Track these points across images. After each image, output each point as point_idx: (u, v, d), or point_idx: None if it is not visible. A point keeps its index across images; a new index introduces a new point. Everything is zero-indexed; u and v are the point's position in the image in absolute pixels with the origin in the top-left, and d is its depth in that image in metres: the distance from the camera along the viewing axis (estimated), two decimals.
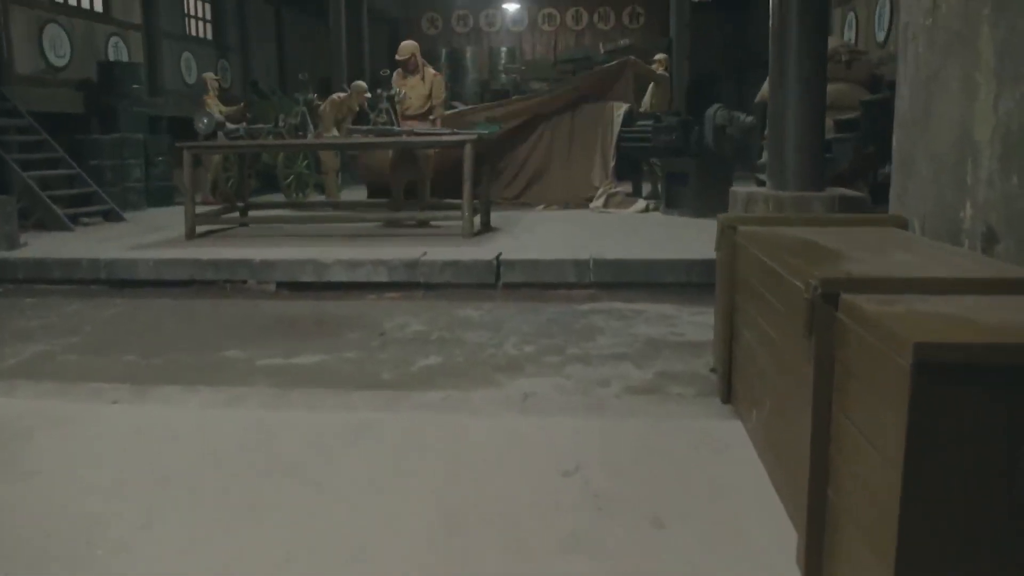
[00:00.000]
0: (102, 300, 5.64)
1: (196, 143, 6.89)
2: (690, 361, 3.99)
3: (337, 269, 5.59)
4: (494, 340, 4.38)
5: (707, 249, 5.92)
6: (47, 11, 9.64)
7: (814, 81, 5.25)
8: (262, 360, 4.07)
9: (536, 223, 7.84)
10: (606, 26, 18.18)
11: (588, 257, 5.50)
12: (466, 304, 5.25)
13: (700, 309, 5.06)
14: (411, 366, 3.94)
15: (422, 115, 7.47)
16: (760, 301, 2.74)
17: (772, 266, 2.51)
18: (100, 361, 4.13)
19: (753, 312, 2.90)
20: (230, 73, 14.00)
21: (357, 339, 4.45)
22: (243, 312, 5.20)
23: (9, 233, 6.48)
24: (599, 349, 4.21)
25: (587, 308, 5.13)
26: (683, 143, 8.18)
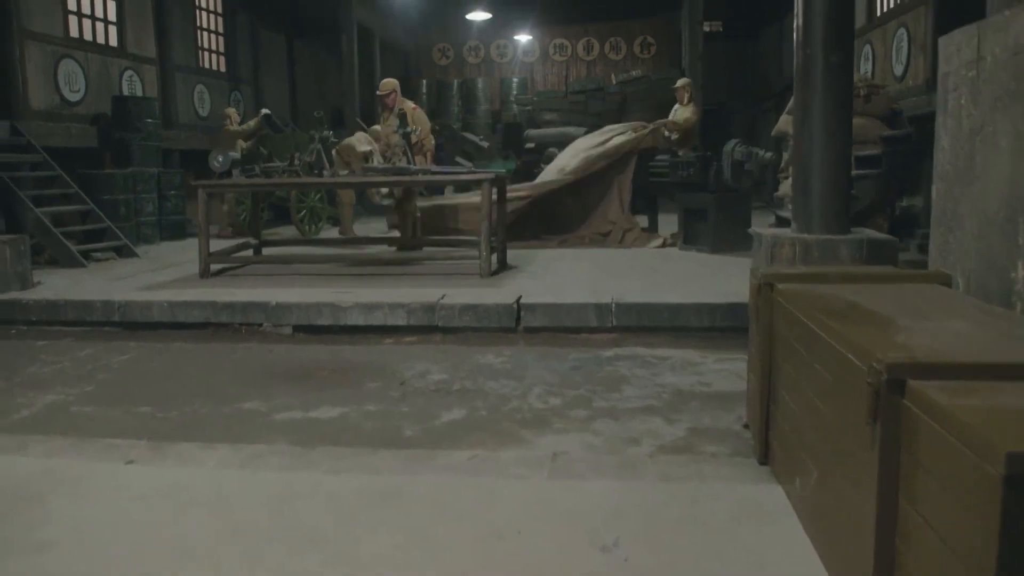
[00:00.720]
0: (116, 343, 5.56)
1: (212, 182, 6.84)
2: (721, 416, 3.87)
3: (354, 312, 5.50)
4: (518, 391, 4.27)
5: (729, 290, 5.85)
6: (63, 46, 9.66)
7: (840, 122, 5.17)
8: (281, 413, 3.97)
9: (553, 261, 7.75)
10: (617, 56, 18.20)
11: (610, 300, 5.39)
12: (486, 349, 5.14)
13: (725, 356, 4.96)
14: (434, 420, 3.83)
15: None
16: (804, 367, 2.63)
17: (820, 334, 2.40)
18: (114, 413, 4.04)
19: (795, 376, 2.79)
20: (243, 105, 14.01)
21: (377, 389, 4.35)
22: (259, 358, 5.10)
23: (22, 273, 6.42)
24: (626, 401, 4.09)
25: (610, 354, 5.01)
26: (701, 178, 8.10)
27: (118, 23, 10.78)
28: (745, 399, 4.04)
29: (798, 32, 5.23)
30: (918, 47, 8.40)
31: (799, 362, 2.72)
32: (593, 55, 18.34)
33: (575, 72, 18.31)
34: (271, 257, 7.43)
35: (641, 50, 18.09)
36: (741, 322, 5.35)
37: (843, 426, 2.19)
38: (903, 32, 8.56)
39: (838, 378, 2.22)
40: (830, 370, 2.31)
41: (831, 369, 2.30)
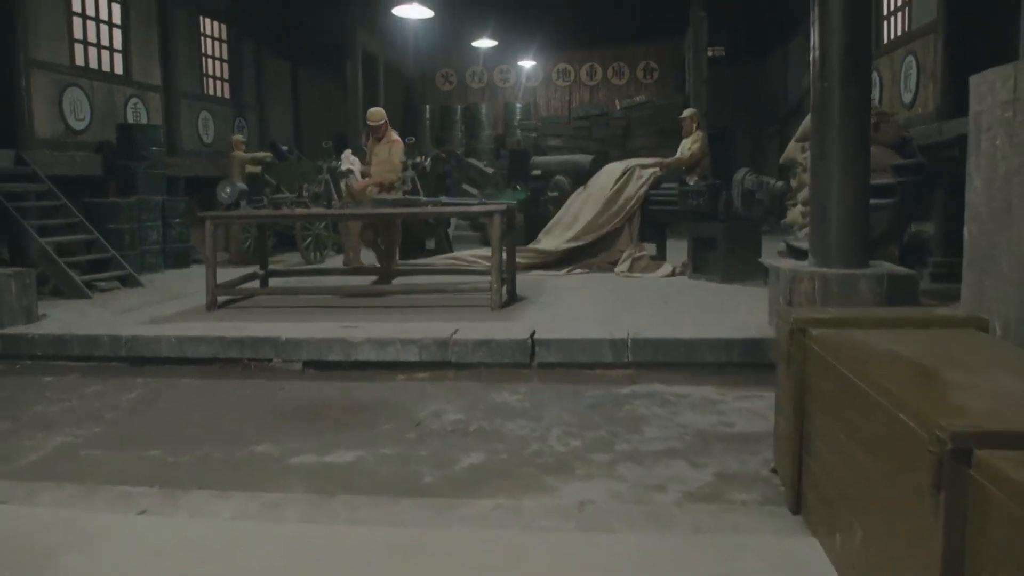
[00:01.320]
0: (123, 379, 5.46)
1: (220, 213, 6.77)
2: (747, 459, 3.77)
3: (366, 348, 5.41)
4: (537, 432, 4.18)
5: (745, 324, 5.77)
6: (69, 75, 9.65)
7: (858, 154, 5.12)
8: (295, 457, 3.87)
9: (562, 290, 7.68)
10: (620, 81, 18.24)
11: (625, 336, 5.31)
12: (501, 386, 5.05)
13: (744, 393, 4.87)
14: (454, 465, 3.73)
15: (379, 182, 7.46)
16: (845, 419, 2.54)
17: (866, 390, 2.31)
18: (124, 457, 3.94)
19: (833, 426, 2.70)
20: (247, 131, 14.00)
21: (392, 431, 4.25)
22: (269, 396, 5.01)
23: (27, 306, 6.33)
24: (648, 443, 4.00)
25: (627, 391, 4.92)
26: (711, 208, 8.05)
27: (123, 51, 10.78)
28: (770, 441, 3.95)
29: (815, 64, 5.20)
30: (927, 75, 8.38)
31: (839, 414, 2.64)
32: (596, 80, 18.38)
33: (578, 97, 18.34)
34: (278, 289, 7.35)
35: (644, 75, 18.12)
36: (758, 358, 5.30)
37: (896, 488, 2.10)
38: (911, 60, 8.55)
39: (889, 438, 2.13)
40: (878, 428, 2.22)
41: (880, 427, 2.21)
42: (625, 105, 15.00)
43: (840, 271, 5.02)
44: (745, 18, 14.12)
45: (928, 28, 8.23)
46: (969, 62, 7.87)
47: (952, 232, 7.74)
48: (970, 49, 7.79)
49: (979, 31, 7.73)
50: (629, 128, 14.57)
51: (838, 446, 2.65)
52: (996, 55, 7.68)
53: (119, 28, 10.71)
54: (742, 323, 5.74)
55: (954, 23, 7.86)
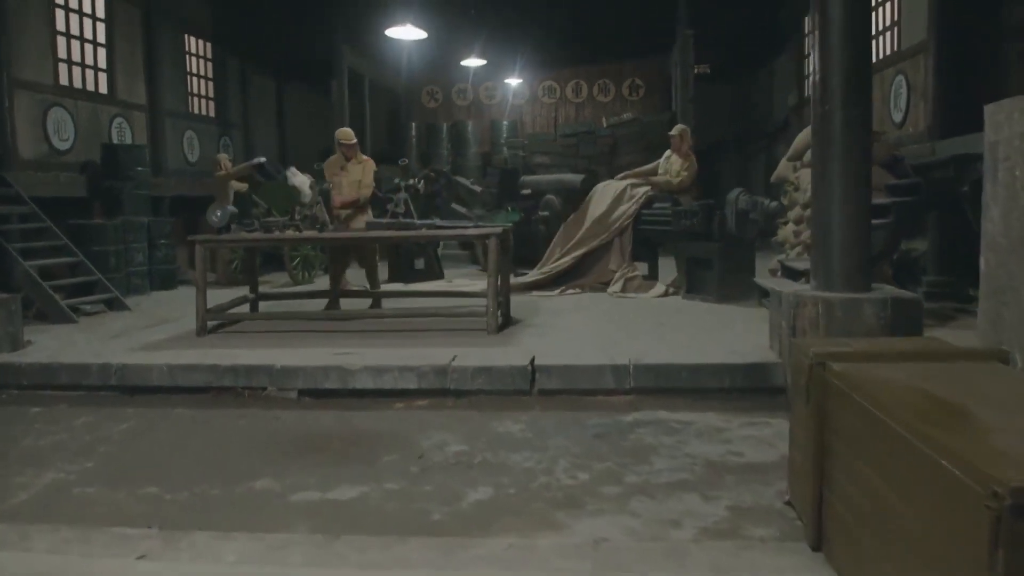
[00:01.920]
0: (114, 409, 5.32)
1: (210, 237, 6.65)
2: (760, 491, 3.71)
3: (363, 376, 5.31)
4: (543, 464, 4.09)
5: (745, 348, 5.72)
6: (52, 94, 9.50)
7: (859, 178, 5.08)
8: (297, 494, 3.76)
9: (557, 312, 7.61)
10: (606, 98, 18.27)
11: (627, 362, 5.24)
12: (502, 415, 4.96)
13: (749, 420, 4.82)
14: (461, 501, 3.64)
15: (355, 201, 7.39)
16: (876, 461, 2.48)
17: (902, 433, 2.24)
18: (120, 496, 3.81)
19: (860, 466, 2.64)
20: (232, 150, 13.87)
21: (395, 463, 4.15)
22: (265, 426, 4.89)
23: (13, 333, 6.18)
24: (658, 475, 3.92)
25: (631, 419, 4.85)
26: (704, 228, 8.02)
27: (108, 70, 10.64)
28: (781, 472, 3.90)
29: (816, 87, 5.17)
30: (918, 94, 8.42)
31: (867, 452, 2.58)
32: (582, 97, 18.40)
33: (564, 114, 18.35)
34: (270, 314, 7.22)
35: (630, 92, 18.17)
36: (761, 383, 5.25)
37: (936, 534, 2.03)
38: (901, 79, 8.60)
39: (930, 484, 2.07)
40: (916, 472, 2.16)
41: (917, 471, 2.15)
42: (612, 123, 15.00)
43: (843, 295, 4.97)
44: (731, 35, 14.19)
45: (918, 48, 8.28)
46: (961, 81, 7.95)
47: (946, 251, 7.77)
48: (961, 68, 7.84)
49: (970, 50, 7.78)
50: (616, 145, 14.55)
51: (866, 485, 2.59)
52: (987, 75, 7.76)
53: (103, 47, 10.57)
54: (743, 347, 5.69)
55: (945, 42, 7.91)
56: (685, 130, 9.47)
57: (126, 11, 10.98)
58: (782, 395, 5.21)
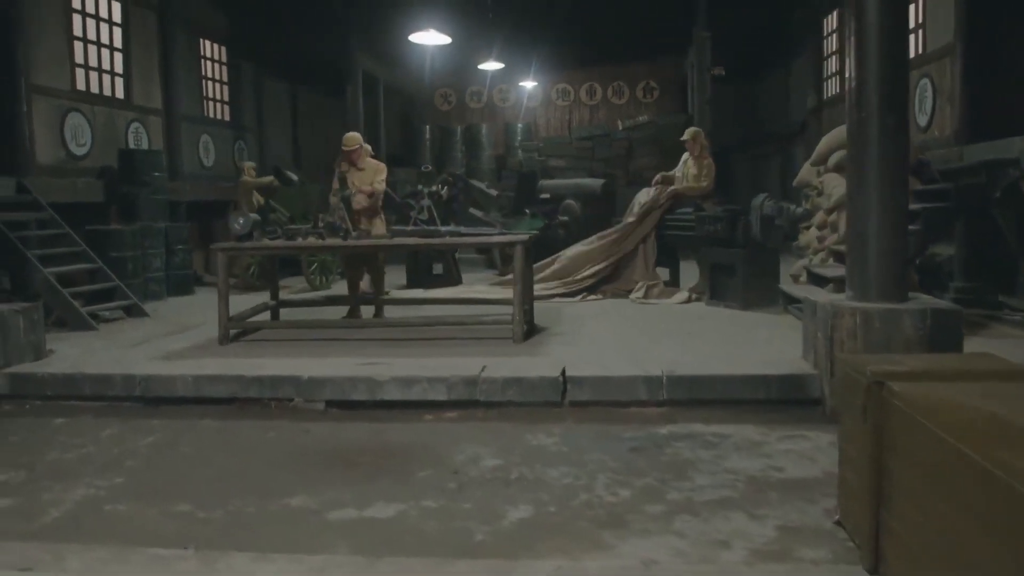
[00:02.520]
0: (139, 421, 5.25)
1: (233, 244, 6.59)
2: (806, 509, 3.62)
3: (391, 387, 5.24)
4: (581, 480, 4.01)
5: (778, 358, 5.63)
6: (70, 100, 9.45)
7: (897, 185, 5.01)
8: (333, 512, 3.68)
9: (581, 318, 7.53)
10: (620, 101, 18.18)
11: (660, 373, 5.16)
12: (535, 427, 4.88)
13: (786, 433, 4.73)
14: (502, 520, 3.56)
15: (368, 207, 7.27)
16: (949, 489, 2.39)
17: (989, 468, 2.14)
18: (152, 513, 3.74)
19: (927, 491, 2.55)
20: (247, 154, 13.82)
21: (430, 479, 4.07)
22: (295, 439, 4.82)
23: (35, 343, 6.12)
24: (700, 492, 3.84)
25: (666, 432, 4.77)
26: (728, 234, 7.93)
27: (124, 75, 10.60)
28: (825, 489, 3.82)
29: (851, 94, 5.09)
30: (944, 98, 8.32)
31: (934, 477, 2.49)
32: (596, 100, 18.31)
33: (578, 117, 18.27)
34: (294, 323, 7.14)
35: (644, 94, 18.07)
36: (795, 394, 5.17)
37: (1018, 568, 1.95)
38: (926, 82, 8.49)
39: (1010, 515, 1.98)
40: (994, 502, 2.07)
41: (996, 502, 2.06)
42: (628, 125, 14.93)
43: (881, 306, 4.89)
44: (747, 37, 14.08)
45: (944, 51, 8.17)
46: (988, 85, 7.84)
47: (974, 257, 7.66)
48: (989, 72, 7.73)
49: (998, 53, 7.68)
50: (632, 148, 14.49)
51: (933, 509, 2.50)
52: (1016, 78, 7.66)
53: (120, 52, 10.53)
54: (775, 357, 5.60)
55: (972, 46, 7.80)
56: (698, 133, 9.32)
57: (142, 15, 10.94)
58: (817, 407, 5.14)
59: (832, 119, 11.96)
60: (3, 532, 3.56)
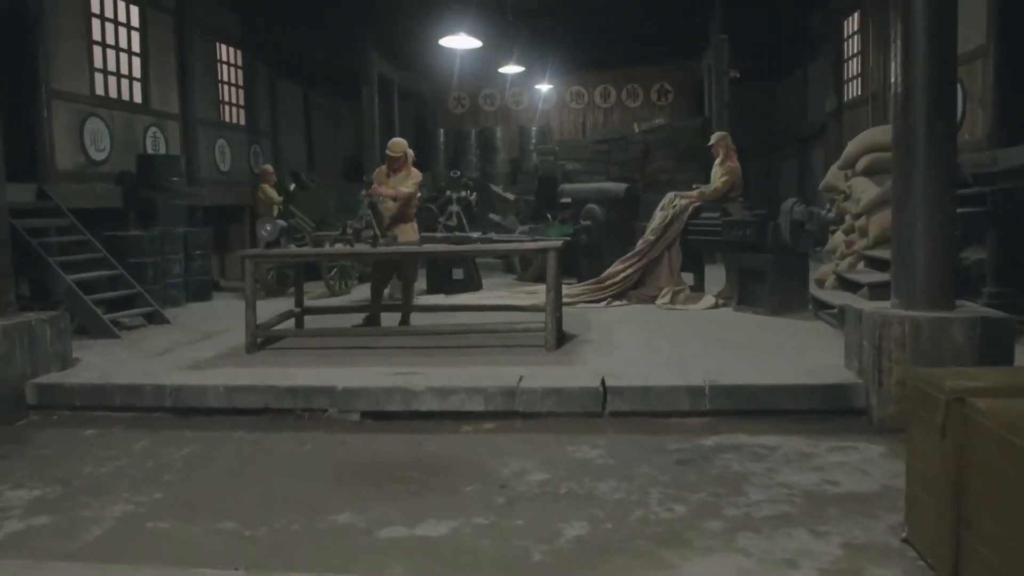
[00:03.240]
0: (171, 433, 5.16)
1: (260, 251, 6.50)
2: (868, 525, 3.52)
3: (428, 397, 5.15)
4: (634, 495, 3.91)
5: (819, 366, 5.52)
6: (89, 104, 9.38)
7: (944, 193, 4.90)
8: (383, 530, 3.59)
9: (609, 325, 7.43)
10: (634, 103, 18.08)
11: (702, 383, 5.07)
12: (576, 439, 4.79)
13: (835, 444, 4.63)
14: (558, 538, 3.46)
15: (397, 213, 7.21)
16: None
17: None
18: (196, 531, 3.65)
19: (1016, 514, 2.46)
20: (263, 158, 13.75)
21: (478, 494, 3.98)
22: (332, 452, 4.73)
23: (62, 352, 6.04)
24: (757, 508, 3.74)
25: (712, 444, 4.67)
26: (758, 239, 7.82)
27: (142, 79, 10.53)
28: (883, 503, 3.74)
29: (897, 99, 4.99)
30: (975, 101, 8.21)
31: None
32: (610, 102, 18.21)
33: (592, 119, 18.17)
34: (321, 330, 7.04)
35: (658, 97, 17.97)
36: (841, 404, 5.06)
37: None
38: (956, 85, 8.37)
39: None
40: None
41: None
42: (644, 128, 14.83)
43: (930, 315, 4.78)
44: (763, 40, 13.98)
45: (976, 53, 8.06)
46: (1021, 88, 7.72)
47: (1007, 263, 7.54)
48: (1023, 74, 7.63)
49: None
50: (648, 152, 14.39)
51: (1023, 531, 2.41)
52: None
53: (138, 56, 10.46)
54: (816, 366, 5.50)
55: (1005, 48, 7.69)
56: (721, 136, 9.24)
57: (159, 19, 10.87)
58: (862, 416, 5.04)
59: (853, 121, 11.86)
60: (46, 551, 3.48)
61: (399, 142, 7.43)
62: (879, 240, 7.99)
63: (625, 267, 8.77)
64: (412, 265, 7.10)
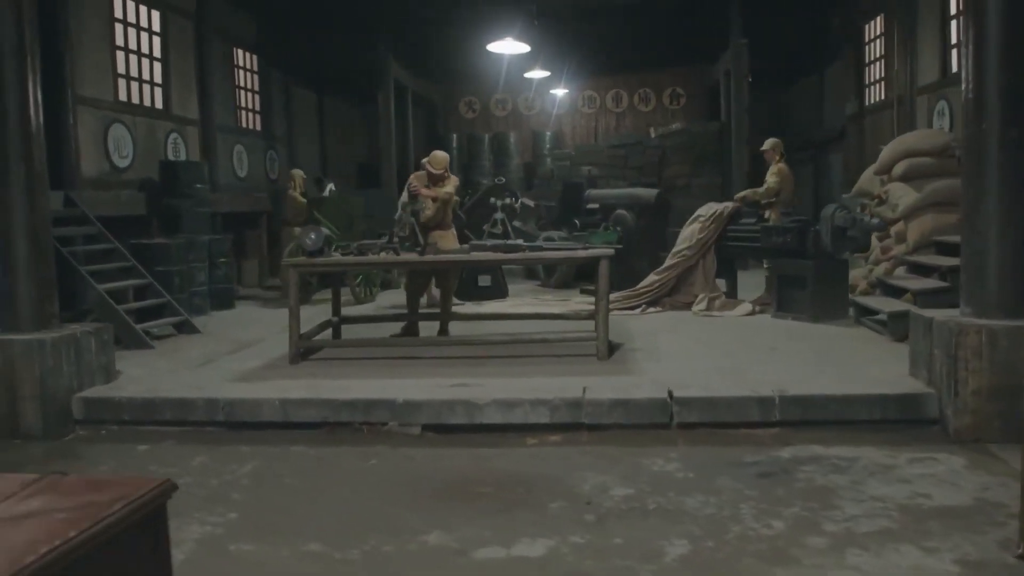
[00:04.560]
0: (227, 448, 5.03)
1: (305, 260, 6.39)
2: (976, 540, 3.44)
3: (492, 410, 5.04)
4: (725, 511, 3.82)
5: (884, 375, 5.44)
6: (113, 111, 9.24)
7: (1019, 200, 4.83)
8: (479, 550, 3.48)
9: (652, 334, 7.34)
10: (647, 108, 18.02)
11: (772, 394, 4.98)
12: (648, 451, 4.69)
13: (913, 455, 4.56)
14: (662, 556, 3.37)
15: (439, 223, 7.12)
16: None
17: None
18: (284, 554, 3.53)
19: None
20: (278, 164, 13.62)
21: (565, 511, 3.88)
22: (401, 467, 4.61)
23: (106, 365, 5.91)
24: (856, 523, 3.65)
25: (788, 456, 4.58)
26: (799, 245, 7.75)
27: (163, 85, 10.39)
28: (983, 516, 3.68)
29: (968, 105, 4.93)
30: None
31: None
32: (622, 107, 18.14)
33: (604, 124, 18.11)
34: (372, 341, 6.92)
35: (671, 101, 17.91)
36: (913, 414, 4.99)
37: None
38: None
39: None
40: None
41: None
42: (661, 133, 14.77)
43: (1007, 323, 4.72)
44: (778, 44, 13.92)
45: None
46: None
47: None
48: None
49: None
50: (665, 156, 14.33)
51: None
52: None
53: (159, 61, 10.32)
54: (881, 375, 5.43)
55: None
56: (774, 143, 9.29)
57: (178, 24, 10.73)
58: (933, 426, 4.97)
59: (876, 125, 11.83)
60: None
61: (443, 157, 7.32)
62: (919, 245, 7.95)
63: (661, 276, 8.70)
64: (454, 274, 7.00)
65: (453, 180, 7.24)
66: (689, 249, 8.68)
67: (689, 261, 8.68)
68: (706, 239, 8.64)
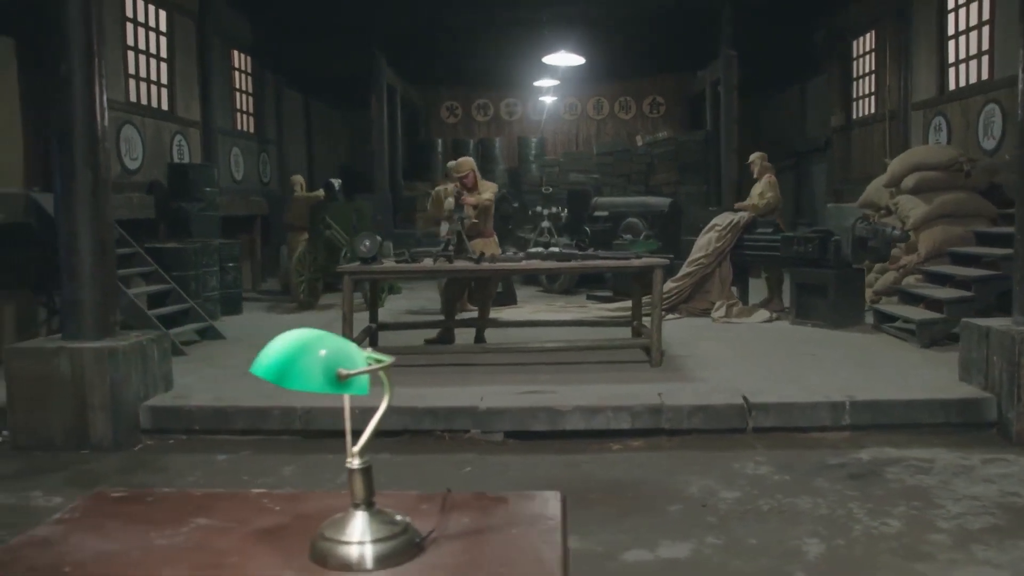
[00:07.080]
0: (310, 457, 5.03)
1: (357, 267, 6.39)
2: None
3: (575, 417, 5.15)
4: (839, 510, 4.00)
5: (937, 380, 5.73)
6: (124, 111, 9.04)
7: None
8: (623, 554, 3.59)
9: (689, 341, 7.53)
10: (627, 115, 18.33)
11: (843, 399, 5.21)
12: (730, 454, 4.86)
13: (985, 456, 4.83)
14: (803, 555, 3.53)
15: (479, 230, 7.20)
16: None
17: None
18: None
19: None
20: (270, 167, 13.47)
21: (685, 514, 4.02)
22: (500, 476, 4.67)
23: (166, 373, 5.83)
24: (965, 520, 3.88)
25: (867, 458, 4.81)
26: (819, 255, 8.05)
27: (169, 85, 10.21)
28: None
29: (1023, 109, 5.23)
30: (1014, 124, 8.58)
31: None
32: (603, 114, 18.42)
33: (585, 131, 18.35)
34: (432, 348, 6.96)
35: (650, 110, 18.26)
36: (972, 418, 5.27)
37: None
38: (994, 107, 8.78)
39: None
40: None
41: None
42: (648, 141, 15.08)
43: None
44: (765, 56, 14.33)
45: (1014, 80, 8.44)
46: None
47: None
48: None
49: None
50: (652, 164, 14.63)
51: None
52: None
53: (165, 62, 10.14)
54: (934, 381, 5.72)
55: None
56: (760, 155, 9.63)
57: (183, 24, 10.55)
58: (990, 429, 5.26)
59: (863, 139, 12.29)
60: None
61: (467, 162, 7.39)
62: (931, 255, 8.32)
63: (678, 283, 8.92)
64: (495, 281, 7.07)
65: (491, 187, 7.33)
66: (706, 257, 8.93)
67: (706, 269, 8.93)
68: (723, 248, 8.90)
